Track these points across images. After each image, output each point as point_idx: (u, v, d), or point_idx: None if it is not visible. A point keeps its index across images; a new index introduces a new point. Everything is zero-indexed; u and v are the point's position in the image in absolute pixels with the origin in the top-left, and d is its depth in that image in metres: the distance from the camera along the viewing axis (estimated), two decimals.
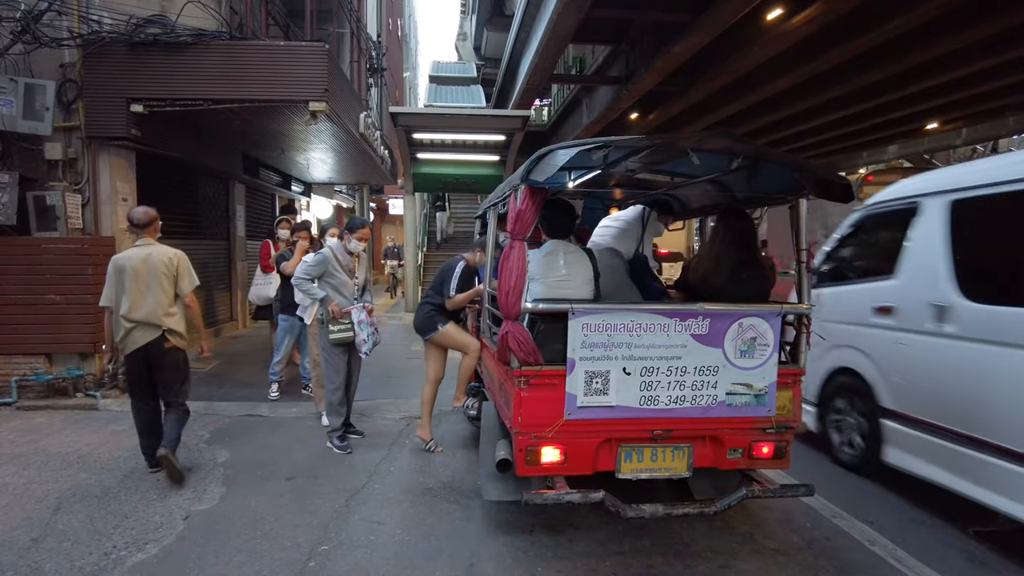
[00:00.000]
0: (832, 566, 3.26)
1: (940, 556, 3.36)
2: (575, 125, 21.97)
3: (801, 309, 3.29)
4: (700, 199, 4.42)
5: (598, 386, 3.01)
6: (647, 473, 3.20)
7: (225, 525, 3.66)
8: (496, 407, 3.69)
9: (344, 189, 18.93)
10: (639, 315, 3.04)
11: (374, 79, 15.45)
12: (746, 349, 3.11)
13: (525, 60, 17.65)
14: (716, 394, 3.13)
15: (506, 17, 26.65)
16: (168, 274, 4.24)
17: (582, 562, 3.27)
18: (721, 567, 3.24)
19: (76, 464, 4.61)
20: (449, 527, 3.67)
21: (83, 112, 6.44)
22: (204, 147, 8.57)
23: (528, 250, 3.06)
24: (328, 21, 11.25)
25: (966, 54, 12.04)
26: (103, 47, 6.29)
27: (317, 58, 6.67)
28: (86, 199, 6.55)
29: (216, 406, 6.11)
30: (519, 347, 2.95)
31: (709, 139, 2.91)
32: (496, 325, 3.53)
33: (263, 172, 11.57)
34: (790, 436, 3.30)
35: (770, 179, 3.31)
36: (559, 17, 11.80)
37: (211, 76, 6.45)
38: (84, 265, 6.25)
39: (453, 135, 12.48)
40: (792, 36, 11.40)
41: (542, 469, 3.12)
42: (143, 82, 6.40)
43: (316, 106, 6.62)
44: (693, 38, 11.75)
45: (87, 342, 6.34)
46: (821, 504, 3.96)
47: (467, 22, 41.81)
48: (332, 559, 3.29)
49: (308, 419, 5.80)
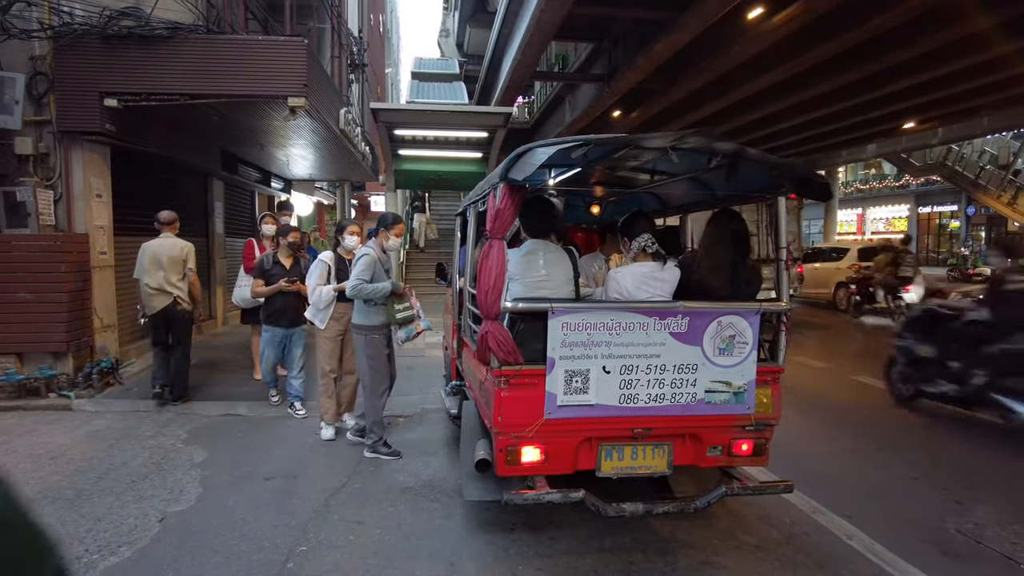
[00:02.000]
0: (811, 561, 3.29)
1: (916, 550, 3.40)
2: (558, 122, 21.98)
3: (780, 307, 3.30)
4: (680, 198, 4.43)
5: (578, 385, 3.00)
6: (627, 471, 3.20)
7: (202, 526, 3.61)
8: (477, 406, 3.67)
9: (325, 186, 18.76)
10: (618, 314, 3.03)
11: (355, 75, 15.32)
12: (725, 347, 3.12)
13: (508, 57, 17.60)
14: (695, 392, 3.13)
15: (489, 14, 26.57)
16: (179, 257, 5.91)
17: (563, 560, 3.27)
18: (701, 563, 3.25)
19: (48, 466, 4.51)
20: (429, 526, 3.65)
21: (54, 106, 6.30)
22: (181, 143, 8.43)
23: (508, 249, 3.04)
24: (308, 16, 11.13)
25: (942, 54, 12.22)
26: (75, 39, 6.16)
27: (297, 53, 6.58)
28: (58, 195, 6.41)
29: (193, 406, 6.02)
30: (499, 347, 2.93)
31: (688, 138, 2.91)
32: (476, 324, 3.51)
33: (242, 168, 11.42)
34: (770, 433, 3.32)
35: (749, 177, 3.32)
36: (542, 14, 11.78)
37: (188, 70, 6.33)
38: (57, 263, 6.12)
39: (435, 132, 12.41)
40: (772, 35, 11.48)
41: (522, 469, 3.11)
42: (117, 76, 6.28)
43: (296, 102, 6.53)
44: (675, 36, 11.79)
45: (60, 341, 6.21)
46: (800, 499, 3.99)
47: (449, 18, 41.67)
48: (311, 559, 3.26)
49: (288, 419, 5.74)
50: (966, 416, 5.74)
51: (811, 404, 6.39)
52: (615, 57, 14.90)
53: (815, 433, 5.53)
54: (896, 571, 3.19)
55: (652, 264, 3.38)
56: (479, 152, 13.46)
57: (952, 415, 5.89)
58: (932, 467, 4.67)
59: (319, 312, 5.13)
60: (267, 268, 5.69)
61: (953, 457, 4.96)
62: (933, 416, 5.96)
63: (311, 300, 5.16)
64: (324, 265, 5.12)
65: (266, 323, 5.78)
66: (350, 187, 19.86)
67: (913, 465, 4.70)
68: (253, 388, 6.56)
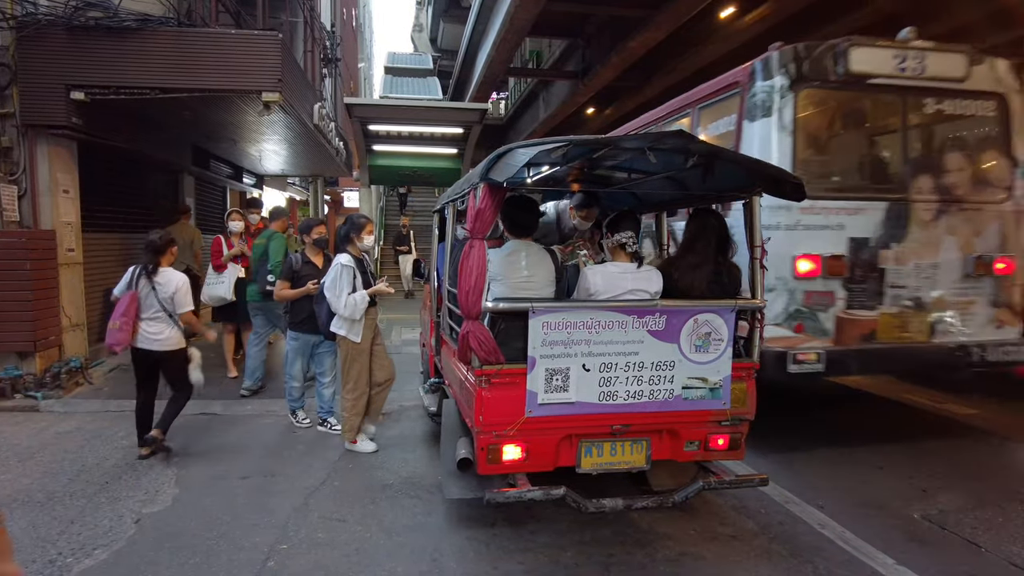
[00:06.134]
0: (785, 549, 3.38)
1: (885, 537, 3.52)
2: (532, 119, 22.04)
3: (754, 304, 3.38)
4: (657, 196, 4.49)
5: (558, 383, 3.04)
6: (607, 467, 3.25)
7: (179, 527, 3.57)
8: (457, 404, 3.69)
9: (298, 181, 18.51)
10: (598, 312, 3.08)
11: (328, 69, 15.13)
12: (701, 344, 3.19)
13: (482, 53, 17.57)
14: (672, 388, 3.19)
15: (463, 9, 26.46)
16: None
17: (544, 553, 3.32)
18: (680, 554, 3.32)
19: (16, 468, 4.41)
20: (410, 522, 3.66)
21: (18, 98, 6.11)
22: (152, 137, 8.25)
23: (489, 249, 3.06)
24: (281, 10, 10.96)
25: None
26: (39, 30, 5.99)
27: (270, 47, 6.49)
28: (23, 191, 6.24)
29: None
30: (480, 346, 2.95)
31: (666, 138, 2.96)
32: (457, 324, 3.52)
33: (214, 164, 11.22)
34: (745, 428, 3.40)
35: (725, 177, 3.39)
36: (517, 10, 11.81)
37: (159, 64, 6.20)
38: (22, 260, 5.95)
39: (410, 127, 12.36)
40: (744, 34, 11.70)
41: (504, 467, 3.14)
42: (84, 68, 6.11)
43: (269, 96, 6.44)
44: (649, 33, 11.93)
45: (27, 341, 6.04)
46: (775, 491, 4.09)
47: (423, 13, 41.38)
48: (292, 558, 3.25)
49: (265, 416, 5.69)
50: (932, 406, 5.93)
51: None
52: (589, 54, 15.00)
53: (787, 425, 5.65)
54: (866, 557, 3.30)
55: (627, 264, 3.43)
56: (454, 148, 13.44)
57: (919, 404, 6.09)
58: (899, 456, 4.81)
59: (354, 324, 4.64)
60: (297, 268, 5.11)
61: (919, 446, 5.12)
62: (902, 406, 6.15)
63: (339, 310, 4.56)
64: (350, 269, 4.60)
65: (294, 329, 5.19)
66: (323, 182, 19.63)
67: (880, 455, 4.85)
68: (227, 387, 6.48)
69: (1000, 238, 4.83)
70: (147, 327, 4.52)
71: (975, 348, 4.72)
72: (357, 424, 4.85)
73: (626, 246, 3.44)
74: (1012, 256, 4.83)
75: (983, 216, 4.82)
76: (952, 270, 4.74)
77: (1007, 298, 4.85)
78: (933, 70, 4.67)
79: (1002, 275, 4.82)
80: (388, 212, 21.44)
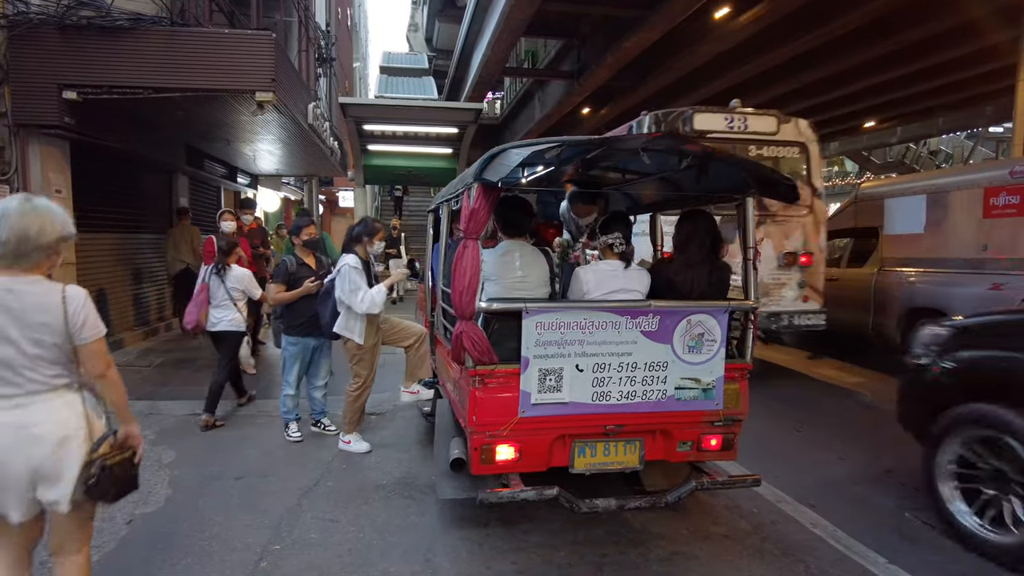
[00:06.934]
0: (777, 548, 3.40)
1: (875, 535, 3.54)
2: (528, 119, 22.04)
3: (747, 305, 3.39)
4: (650, 196, 4.51)
5: (552, 383, 3.04)
6: (600, 467, 3.26)
7: (172, 527, 3.56)
8: (451, 404, 3.69)
9: (292, 181, 18.48)
10: (591, 313, 3.08)
11: (323, 69, 15.12)
12: (694, 345, 3.19)
13: (478, 52, 17.57)
14: (665, 389, 3.20)
15: (458, 8, 26.43)
16: None
17: (537, 553, 3.32)
18: (673, 553, 3.33)
19: None
20: (403, 523, 3.66)
21: (9, 98, 6.10)
22: (145, 137, 8.23)
23: (483, 249, 3.06)
24: (275, 9, 10.95)
25: (901, 56, 12.61)
26: (31, 29, 5.98)
27: (264, 47, 6.48)
28: (15, 190, 6.21)
29: (160, 405, 5.90)
30: (474, 347, 2.95)
31: (660, 139, 2.97)
32: (451, 324, 3.52)
33: (208, 164, 11.20)
34: (738, 428, 3.41)
35: (719, 177, 3.40)
36: (512, 10, 11.81)
37: (152, 63, 6.19)
38: None
39: (405, 127, 12.32)
40: (739, 34, 11.72)
41: (497, 467, 3.14)
42: (77, 68, 6.10)
43: (263, 96, 6.43)
44: (644, 33, 11.94)
45: None
46: (767, 490, 4.11)
47: (418, 13, 41.34)
48: (285, 558, 3.24)
49: (258, 417, 5.67)
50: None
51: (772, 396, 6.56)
52: (584, 54, 15.01)
53: (779, 424, 5.68)
54: (857, 555, 3.31)
55: (616, 263, 3.48)
56: (449, 148, 13.40)
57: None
58: (889, 457, 4.83)
59: (358, 326, 4.60)
60: (293, 271, 4.98)
61: (909, 447, 5.13)
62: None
63: (358, 306, 4.47)
64: (359, 270, 4.55)
65: (292, 334, 5.01)
66: (318, 182, 19.61)
67: (870, 455, 4.87)
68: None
69: (803, 240, 6.79)
70: (215, 312, 5.38)
71: (784, 315, 6.78)
72: (357, 419, 4.86)
73: (614, 246, 3.50)
74: (811, 252, 6.83)
75: (791, 225, 6.76)
76: (769, 262, 6.64)
77: (810, 281, 6.87)
78: (753, 127, 6.55)
79: (805, 265, 6.81)
80: (383, 213, 21.39)
